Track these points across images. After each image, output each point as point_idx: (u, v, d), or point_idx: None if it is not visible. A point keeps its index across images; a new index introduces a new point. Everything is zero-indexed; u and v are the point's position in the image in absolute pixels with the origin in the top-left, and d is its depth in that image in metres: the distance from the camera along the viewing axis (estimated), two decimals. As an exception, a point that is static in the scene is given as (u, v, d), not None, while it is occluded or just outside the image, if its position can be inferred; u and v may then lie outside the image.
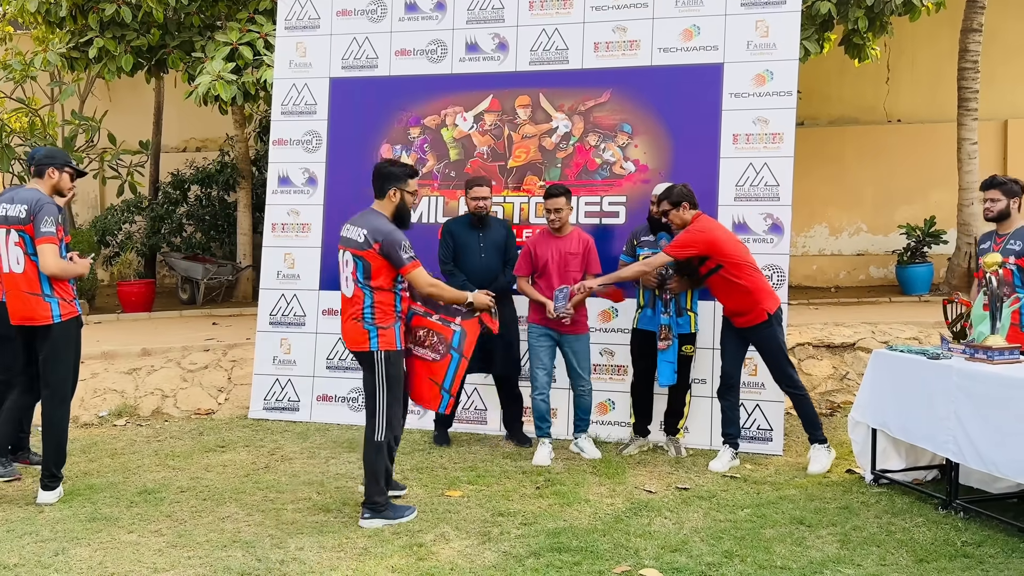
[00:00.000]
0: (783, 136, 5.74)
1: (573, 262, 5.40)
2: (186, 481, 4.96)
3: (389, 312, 4.26)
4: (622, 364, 5.94)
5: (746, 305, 5.05)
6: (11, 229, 4.53)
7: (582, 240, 5.46)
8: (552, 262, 5.39)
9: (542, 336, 5.43)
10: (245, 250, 11.26)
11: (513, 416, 5.89)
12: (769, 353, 5.10)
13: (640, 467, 5.25)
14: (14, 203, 4.54)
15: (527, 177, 6.23)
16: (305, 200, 6.64)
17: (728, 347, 5.21)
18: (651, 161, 6.01)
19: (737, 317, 5.12)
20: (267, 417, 6.50)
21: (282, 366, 6.57)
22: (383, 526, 4.20)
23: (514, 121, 6.30)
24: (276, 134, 6.79)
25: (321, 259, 6.56)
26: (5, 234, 4.54)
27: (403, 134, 6.51)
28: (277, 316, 6.62)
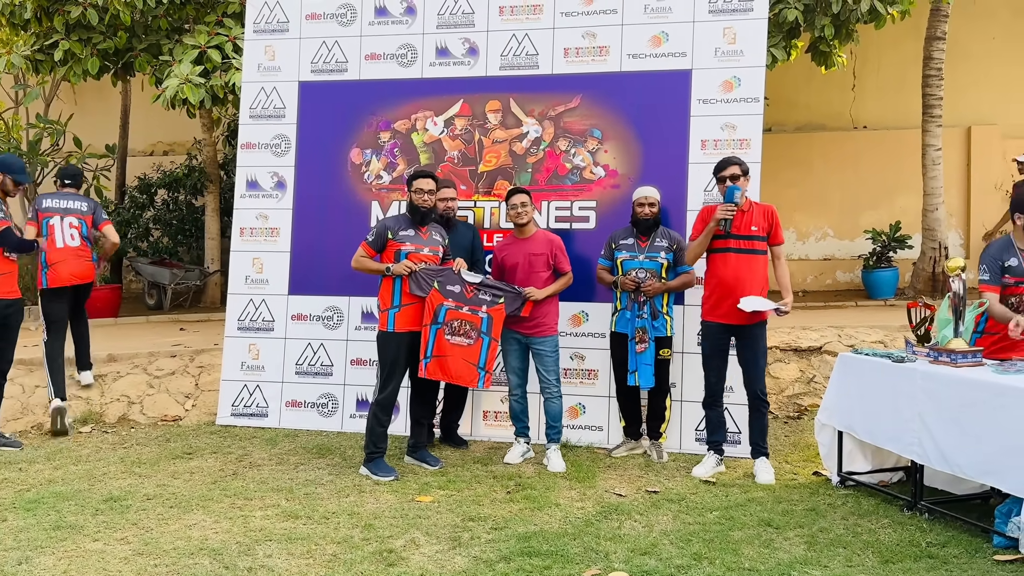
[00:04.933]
0: (750, 142, 5.80)
1: (539, 263, 5.42)
2: (152, 488, 4.89)
3: (387, 298, 5.09)
4: (593, 368, 5.96)
5: (761, 296, 5.06)
6: None
7: (548, 240, 5.48)
8: (520, 266, 5.42)
9: (510, 339, 5.45)
10: (213, 255, 11.15)
11: (450, 418, 5.93)
12: (758, 354, 5.08)
13: (611, 471, 5.27)
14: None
15: (498, 182, 6.23)
16: (274, 204, 6.60)
17: (716, 359, 5.16)
18: (621, 166, 6.04)
19: (741, 313, 4.97)
20: (235, 423, 6.44)
21: (250, 372, 6.51)
22: (365, 475, 5.07)
23: (485, 126, 6.31)
24: (244, 138, 6.74)
25: (290, 264, 6.51)
26: None
27: (373, 138, 6.49)
28: (245, 321, 6.56)
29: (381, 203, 6.41)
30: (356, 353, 6.34)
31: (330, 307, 6.41)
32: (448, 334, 5.16)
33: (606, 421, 5.94)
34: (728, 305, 5.01)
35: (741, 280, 5.00)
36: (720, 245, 5.05)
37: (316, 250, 6.47)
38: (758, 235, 5.06)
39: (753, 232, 5.04)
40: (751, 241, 5.04)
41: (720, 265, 5.07)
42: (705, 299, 5.20)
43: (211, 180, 11.12)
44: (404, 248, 5.14)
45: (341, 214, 6.44)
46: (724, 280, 5.04)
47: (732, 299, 4.98)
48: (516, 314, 5.31)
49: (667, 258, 5.48)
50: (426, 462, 5.33)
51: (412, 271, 5.07)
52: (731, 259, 5.03)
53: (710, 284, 5.15)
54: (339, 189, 6.50)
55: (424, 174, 5.27)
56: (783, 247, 5.20)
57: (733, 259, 5.03)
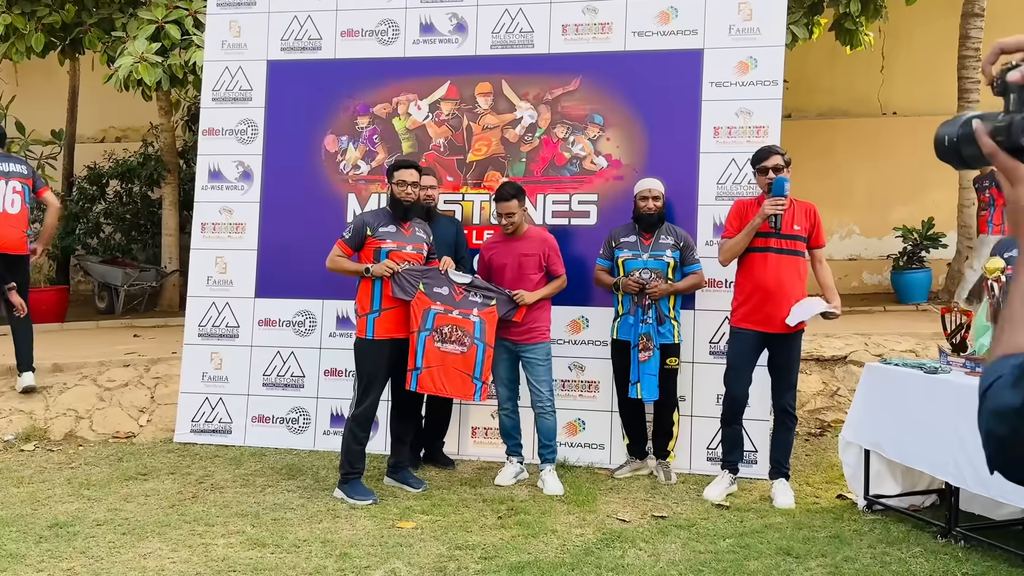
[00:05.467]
0: (768, 129, 5.81)
1: (530, 264, 5.42)
2: (103, 513, 4.88)
3: (366, 302, 5.10)
4: (594, 379, 5.97)
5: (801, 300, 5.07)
6: None
7: (540, 240, 5.49)
8: (508, 267, 5.43)
9: (498, 347, 5.44)
10: (171, 253, 11.13)
11: (434, 433, 5.94)
12: (793, 362, 5.11)
13: (613, 494, 5.28)
14: None
15: (488, 172, 6.24)
16: (239, 197, 6.59)
17: (744, 370, 5.16)
18: (624, 156, 6.06)
19: (781, 320, 4.98)
20: (195, 441, 6.43)
21: (212, 383, 6.50)
22: (340, 498, 5.05)
23: (474, 110, 6.32)
24: (206, 123, 6.73)
25: (257, 263, 6.50)
26: None
27: (350, 124, 6.49)
28: (207, 327, 6.55)
29: (359, 196, 6.41)
30: (331, 363, 6.34)
31: (302, 311, 6.41)
32: (439, 341, 5.15)
33: (608, 438, 5.94)
34: (766, 312, 5.01)
35: (782, 284, 5.01)
36: (759, 244, 5.05)
37: (286, 248, 6.46)
38: (800, 235, 5.09)
39: (796, 232, 5.07)
40: (793, 241, 5.07)
41: (759, 266, 5.07)
42: (738, 303, 5.18)
43: (169, 170, 11.09)
44: (385, 246, 5.13)
45: (314, 208, 6.43)
46: (763, 283, 5.03)
47: (771, 305, 4.99)
48: (508, 318, 5.32)
49: (673, 257, 5.49)
50: (408, 484, 5.32)
51: (394, 272, 5.07)
52: (771, 260, 5.04)
53: (745, 287, 5.13)
54: (312, 180, 6.50)
55: (406, 164, 5.27)
56: (824, 251, 5.24)
57: (773, 260, 5.04)
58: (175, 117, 11.52)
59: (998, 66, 1.16)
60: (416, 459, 5.83)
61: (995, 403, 0.96)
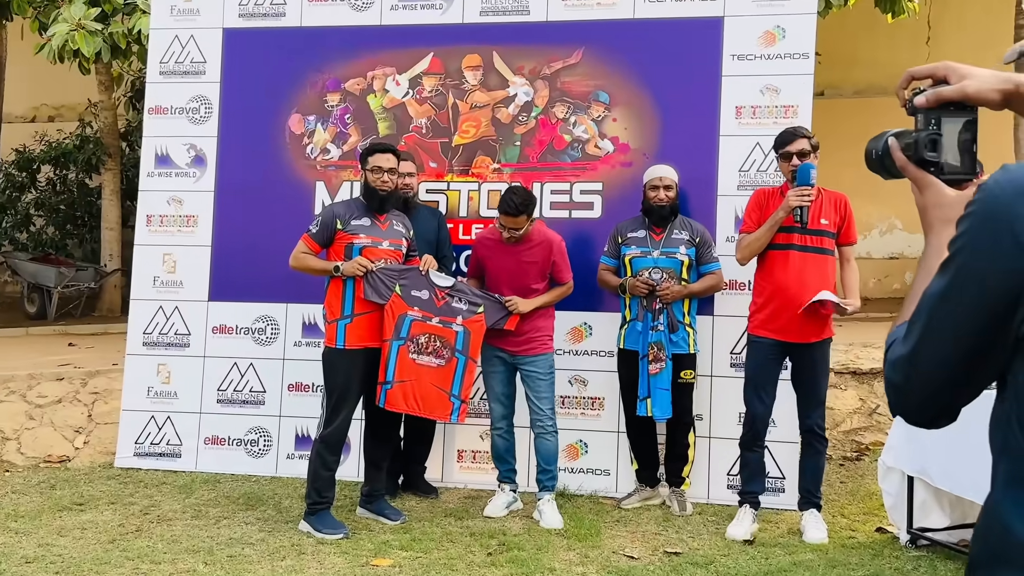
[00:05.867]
0: (797, 109, 5.82)
1: (531, 272, 5.40)
2: (33, 549, 4.86)
3: (335, 306, 5.10)
4: (598, 396, 5.97)
5: (829, 308, 5.07)
6: None
7: (546, 243, 5.44)
8: (505, 272, 5.41)
9: (493, 358, 5.44)
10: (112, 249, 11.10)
11: (414, 457, 5.94)
12: (820, 377, 5.11)
13: (619, 526, 5.28)
14: None
15: (477, 158, 6.24)
16: (190, 185, 6.58)
17: (764, 385, 5.15)
18: (633, 139, 6.06)
19: (803, 327, 5.01)
20: (139, 466, 6.41)
21: (159, 400, 6.48)
22: (307, 532, 5.02)
23: (460, 87, 6.31)
24: (153, 100, 6.71)
25: (211, 261, 6.49)
26: None
27: (318, 102, 6.48)
28: (153, 335, 6.53)
29: (328, 184, 6.40)
30: (295, 376, 6.33)
31: (263, 317, 6.40)
32: (413, 352, 5.14)
33: (614, 463, 5.95)
34: (788, 317, 5.00)
35: (806, 286, 4.99)
36: (781, 240, 5.05)
37: (245, 244, 6.45)
38: (828, 230, 5.08)
39: (823, 226, 5.06)
40: (820, 237, 5.07)
41: (779, 266, 5.06)
42: (756, 308, 5.19)
43: (110, 154, 11.07)
44: (357, 242, 5.13)
45: (277, 198, 6.43)
46: (784, 285, 5.03)
47: (792, 310, 4.98)
48: (498, 328, 5.31)
49: (688, 254, 5.50)
50: (384, 515, 5.31)
51: (367, 271, 5.06)
52: (794, 259, 5.04)
53: (765, 290, 5.13)
54: (275, 166, 6.49)
55: (383, 148, 5.27)
56: (855, 248, 5.24)
57: (797, 259, 5.04)
58: (117, 93, 11.50)
59: (909, 91, 1.51)
60: (394, 487, 5.82)
61: (892, 355, 1.34)
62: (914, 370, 1.31)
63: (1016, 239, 1.17)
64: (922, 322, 1.29)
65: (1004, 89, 1.40)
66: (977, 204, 1.24)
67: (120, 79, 11.67)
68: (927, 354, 1.29)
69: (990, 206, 1.22)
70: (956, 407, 1.35)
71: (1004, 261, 1.19)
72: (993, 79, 1.41)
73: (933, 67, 1.48)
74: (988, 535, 1.29)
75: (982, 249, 1.22)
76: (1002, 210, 1.20)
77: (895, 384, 1.34)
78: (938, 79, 1.47)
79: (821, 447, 5.14)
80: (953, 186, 1.47)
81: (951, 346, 1.27)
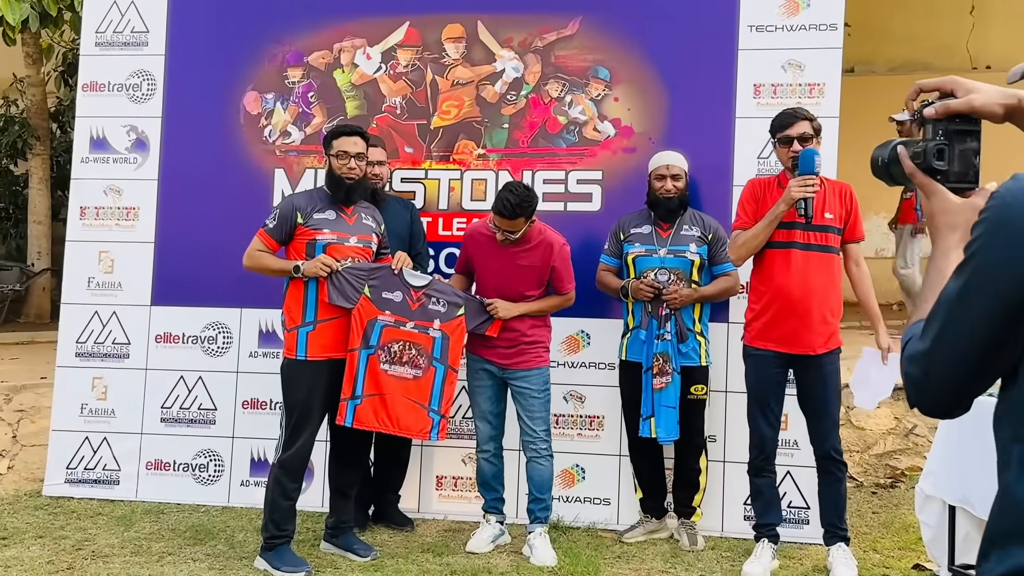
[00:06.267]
0: (824, 88, 5.85)
1: (527, 277, 5.39)
2: (-53, 590, 4.85)
3: (296, 311, 5.11)
4: (596, 414, 5.99)
5: (836, 313, 5.09)
6: None
7: (546, 246, 5.41)
8: (496, 274, 5.41)
9: (480, 372, 5.44)
10: (40, 246, 11.07)
11: (387, 484, 5.94)
12: (830, 394, 5.11)
13: (621, 563, 5.28)
14: None
15: (459, 142, 6.25)
16: (130, 172, 6.57)
17: (767, 403, 5.16)
18: (637, 121, 6.08)
19: (808, 337, 5.03)
20: (71, 494, 6.40)
21: (94, 419, 6.47)
22: (264, 570, 5.01)
23: (441, 61, 6.32)
24: (88, 75, 6.70)
25: (155, 260, 6.48)
26: None
27: (278, 77, 6.48)
28: (87, 344, 6.52)
29: (288, 172, 6.40)
30: (250, 391, 6.33)
31: (213, 324, 6.39)
32: (385, 362, 5.14)
33: (614, 491, 5.96)
34: (790, 327, 5.02)
35: (811, 290, 5.01)
36: (780, 237, 5.05)
37: (193, 240, 6.45)
38: (833, 225, 5.09)
39: (828, 221, 5.06)
40: (825, 234, 5.07)
41: (780, 267, 5.07)
42: (753, 315, 5.20)
43: (38, 136, 11.04)
44: (321, 238, 5.13)
45: (230, 188, 6.43)
46: (786, 289, 5.04)
47: (796, 318, 5.00)
48: (479, 333, 5.31)
49: (699, 253, 5.51)
50: (353, 551, 5.31)
51: (332, 271, 5.06)
52: (796, 259, 5.05)
53: (764, 294, 5.13)
54: (227, 151, 6.49)
55: (350, 131, 5.27)
56: (862, 246, 5.25)
57: (799, 259, 5.05)
58: (46, 67, 11.46)
59: (918, 102, 1.81)
60: (363, 518, 5.82)
61: (910, 351, 1.60)
62: (932, 366, 1.56)
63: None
64: (939, 321, 1.54)
65: (1007, 104, 1.70)
66: (991, 211, 1.48)
67: (50, 51, 11.62)
68: (945, 351, 1.54)
69: (1003, 212, 1.46)
70: (970, 398, 1.60)
71: (1017, 265, 1.43)
72: (997, 94, 1.71)
73: (940, 81, 1.78)
74: (1003, 515, 1.54)
75: (996, 253, 1.46)
76: (1014, 216, 1.44)
77: (914, 379, 1.60)
78: (945, 92, 1.77)
79: (841, 473, 5.14)
80: (958, 194, 1.73)
81: (968, 344, 1.51)
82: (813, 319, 5.01)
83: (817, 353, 5.04)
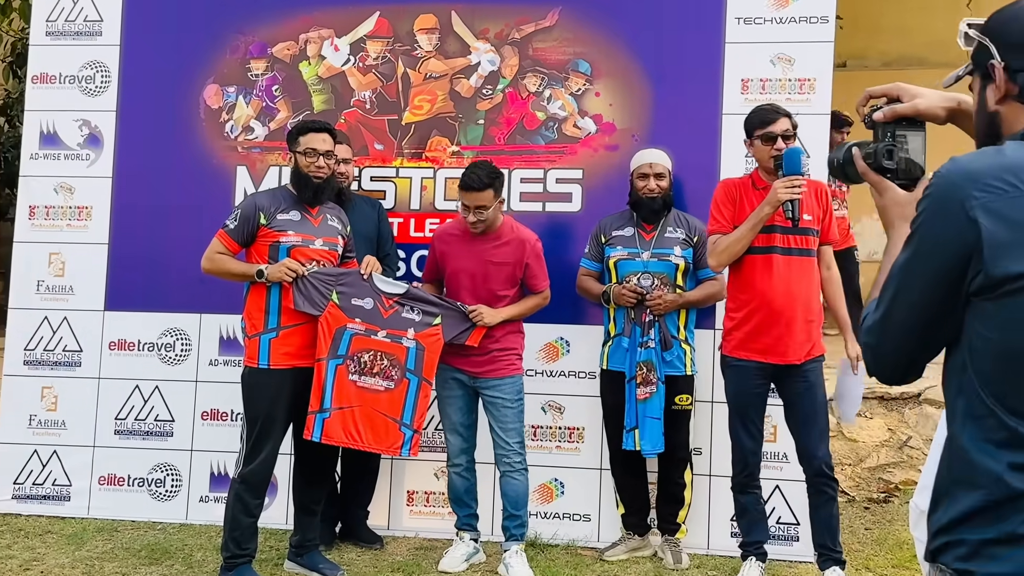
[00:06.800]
0: (815, 83, 5.87)
1: (500, 275, 5.39)
2: None
3: (258, 318, 5.08)
4: (576, 425, 5.99)
5: (819, 320, 5.08)
6: None
7: (519, 242, 5.44)
8: (468, 275, 5.41)
9: (450, 381, 5.43)
10: (-13, 247, 10.98)
11: (355, 499, 5.93)
12: (818, 407, 5.08)
13: (602, 583, 5.28)
14: None
15: (432, 139, 6.25)
16: (83, 170, 6.54)
17: (749, 415, 5.14)
18: (620, 118, 6.09)
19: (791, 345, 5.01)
20: (18, 511, 6.37)
21: (44, 431, 6.43)
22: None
23: (413, 53, 6.32)
24: (38, 66, 6.67)
25: (108, 262, 6.46)
26: None
27: (240, 69, 6.46)
28: (37, 351, 6.48)
29: (251, 169, 6.39)
30: (210, 402, 6.31)
31: (171, 330, 6.37)
32: (355, 373, 5.12)
33: (595, 507, 5.97)
34: (774, 336, 5.00)
35: (793, 297, 5.00)
36: (760, 242, 5.02)
37: (149, 242, 6.42)
38: (812, 227, 5.09)
39: (807, 223, 5.04)
40: (805, 237, 5.07)
41: (761, 273, 5.05)
42: (734, 324, 5.15)
43: (-16, 131, 10.96)
44: (284, 240, 5.10)
45: (189, 186, 6.40)
46: (768, 297, 5.01)
47: (779, 327, 4.98)
48: (458, 343, 5.30)
49: (684, 256, 5.52)
50: (318, 570, 5.29)
51: (297, 275, 5.04)
52: (778, 264, 5.03)
53: (746, 303, 5.08)
54: (186, 147, 6.46)
55: (318, 127, 5.25)
56: (831, 249, 5.25)
57: (781, 264, 5.03)
58: (-7, 58, 11.40)
59: (868, 108, 2.12)
60: (330, 535, 5.81)
61: (867, 323, 1.87)
62: (885, 333, 1.84)
63: (966, 213, 1.67)
64: (891, 290, 1.82)
65: (948, 107, 2.04)
66: (933, 188, 1.75)
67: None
68: (896, 317, 1.81)
69: (943, 189, 1.73)
70: (921, 364, 1.86)
71: (956, 232, 1.69)
72: (939, 98, 2.05)
73: (888, 87, 2.10)
74: (951, 464, 1.77)
75: (938, 223, 1.72)
76: (953, 191, 1.70)
77: (870, 346, 1.87)
78: (892, 98, 2.07)
79: (833, 492, 5.12)
80: (906, 188, 2.02)
81: (917, 308, 1.78)
82: (797, 327, 5.00)
83: (802, 362, 5.04)
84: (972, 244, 1.67)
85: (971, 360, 1.73)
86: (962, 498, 1.71)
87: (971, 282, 1.69)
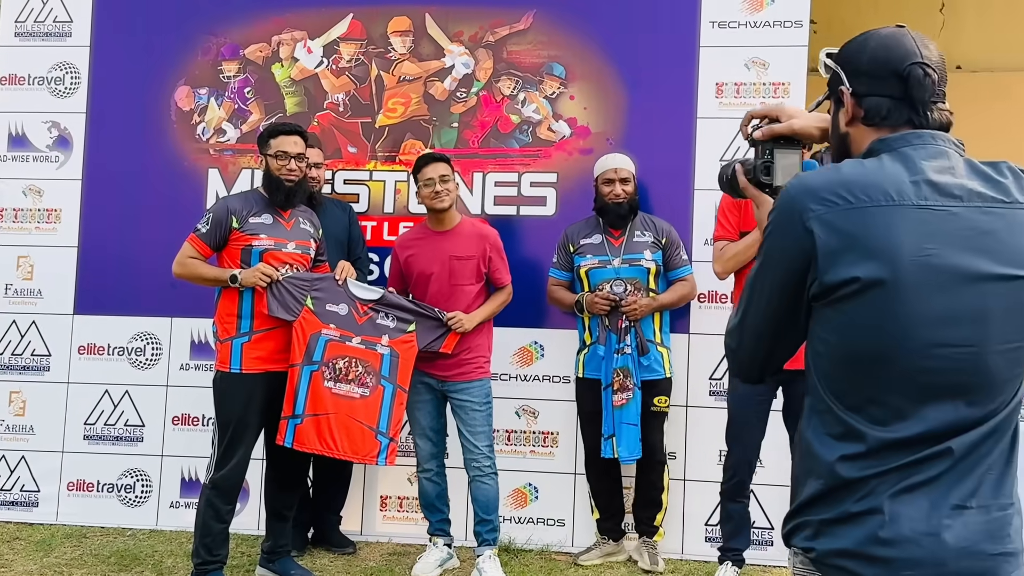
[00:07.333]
0: (789, 87, 5.91)
1: (464, 271, 5.40)
2: None
3: (230, 322, 5.06)
4: (550, 430, 6.00)
5: None
6: None
7: (478, 236, 5.46)
8: (434, 274, 5.40)
9: (418, 385, 5.41)
10: (-46, 250, 10.92)
11: (327, 505, 5.94)
12: None
13: (576, 589, 5.29)
14: None
15: (406, 142, 6.24)
16: (51, 172, 6.51)
17: (750, 424, 5.15)
18: (594, 121, 6.10)
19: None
20: (-14, 517, 6.32)
21: (11, 436, 6.40)
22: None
23: (386, 56, 6.31)
24: (7, 68, 6.64)
25: (78, 265, 6.43)
26: None
27: (212, 71, 6.45)
28: (5, 356, 6.45)
29: (223, 172, 6.37)
30: (181, 407, 6.29)
31: (141, 334, 6.35)
32: (330, 380, 5.10)
33: (570, 511, 5.98)
34: None
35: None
36: None
37: (119, 245, 6.40)
38: None
39: None
40: None
41: None
42: None
43: (-48, 133, 10.89)
44: (257, 244, 5.09)
45: (160, 189, 6.38)
46: None
47: None
48: (434, 350, 5.29)
49: (655, 260, 5.53)
50: (290, 577, 5.29)
51: (271, 280, 5.02)
52: None
53: None
54: (157, 150, 6.44)
55: (289, 129, 5.24)
56: None
57: None
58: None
59: (750, 128, 2.25)
60: (302, 541, 5.80)
61: (728, 326, 2.08)
62: (742, 336, 2.04)
63: (803, 224, 1.85)
64: (746, 295, 2.01)
65: (821, 127, 2.16)
66: (779, 202, 1.93)
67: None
68: (750, 322, 2.01)
69: (786, 203, 1.90)
70: (776, 364, 2.06)
71: (795, 242, 1.86)
72: (814, 118, 2.18)
73: (768, 108, 2.24)
74: (801, 457, 1.96)
75: (781, 235, 1.91)
76: (794, 204, 1.87)
77: (730, 348, 2.09)
78: (772, 118, 2.21)
79: None
80: None
81: (766, 314, 1.97)
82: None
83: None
84: (809, 252, 1.84)
85: (815, 362, 1.94)
86: (808, 485, 1.90)
87: (810, 288, 1.87)
